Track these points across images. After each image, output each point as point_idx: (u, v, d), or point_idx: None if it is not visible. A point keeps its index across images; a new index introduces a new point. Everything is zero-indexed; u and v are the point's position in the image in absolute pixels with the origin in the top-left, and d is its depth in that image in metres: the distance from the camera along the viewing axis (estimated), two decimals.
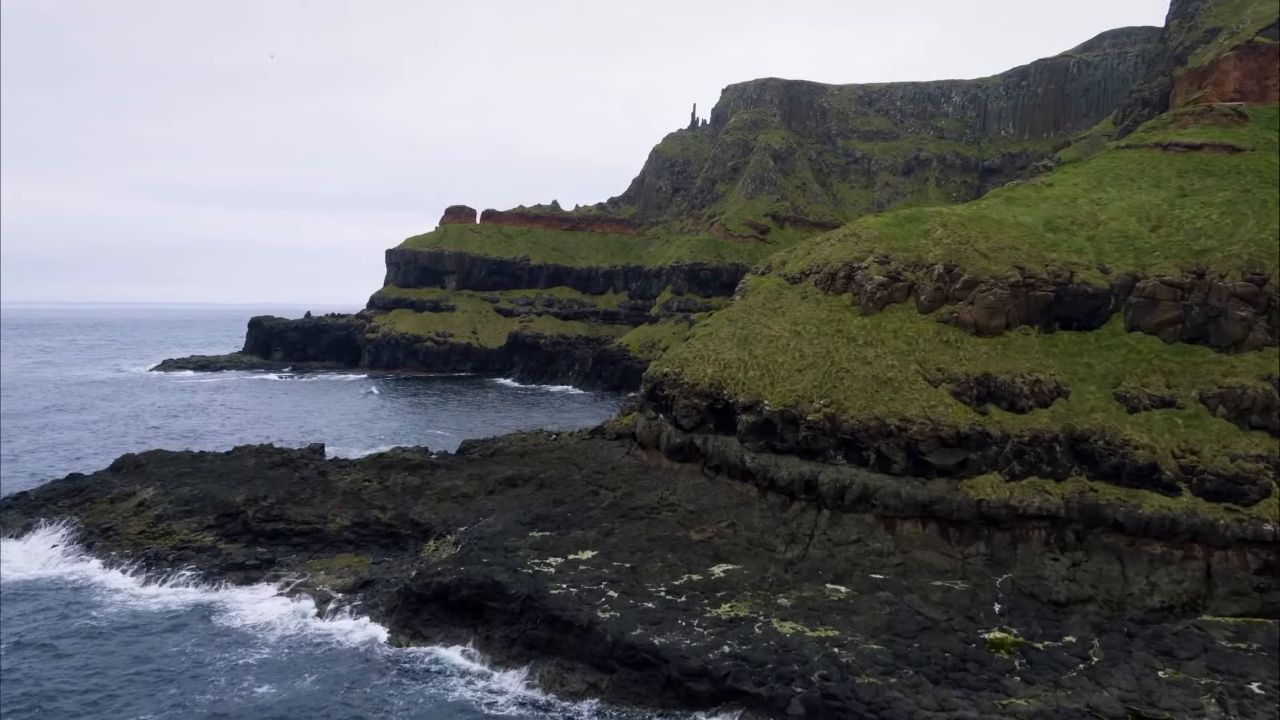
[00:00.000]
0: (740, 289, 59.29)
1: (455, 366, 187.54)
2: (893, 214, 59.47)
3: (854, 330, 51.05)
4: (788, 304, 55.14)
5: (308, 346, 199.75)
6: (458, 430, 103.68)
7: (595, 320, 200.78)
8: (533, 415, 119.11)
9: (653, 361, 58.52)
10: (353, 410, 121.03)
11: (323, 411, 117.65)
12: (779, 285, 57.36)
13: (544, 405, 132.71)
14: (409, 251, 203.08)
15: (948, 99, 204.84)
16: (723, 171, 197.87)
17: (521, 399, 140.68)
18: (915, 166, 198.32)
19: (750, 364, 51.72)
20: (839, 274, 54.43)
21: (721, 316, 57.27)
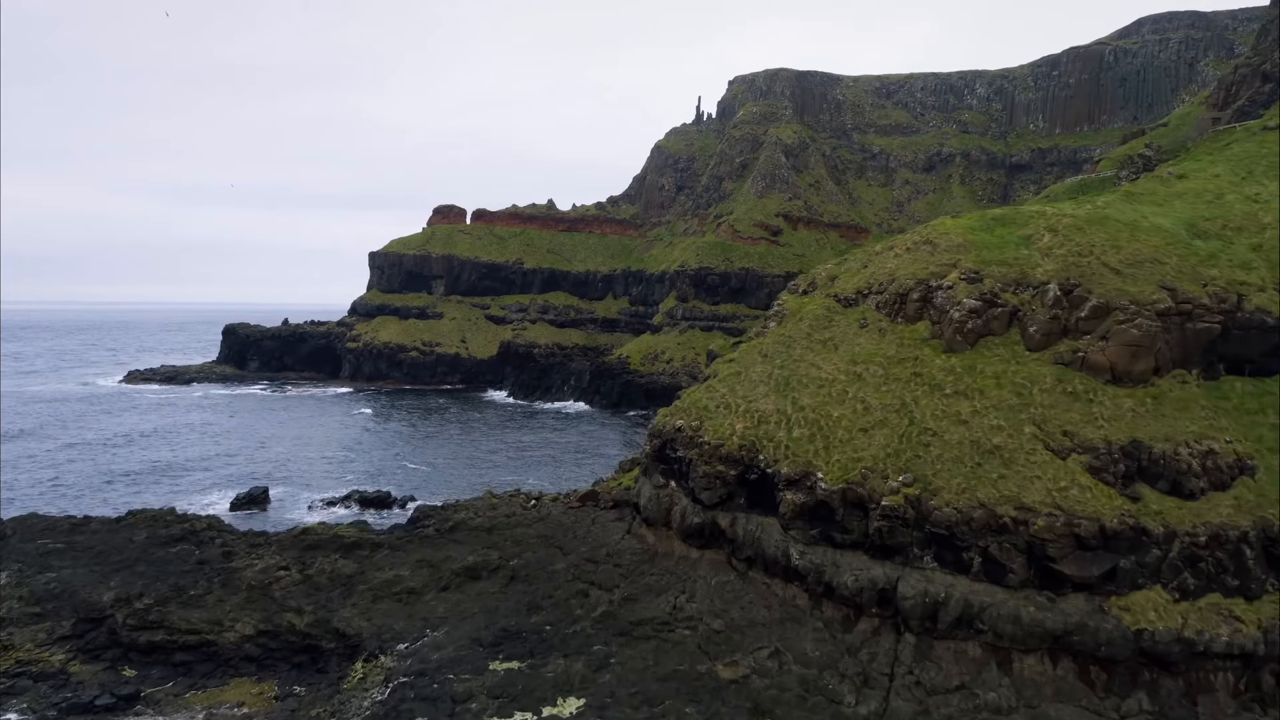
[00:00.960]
0: (775, 312, 45.58)
1: (442, 378, 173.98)
2: (977, 215, 45.69)
3: (937, 373, 37.37)
4: (842, 334, 41.43)
5: (285, 356, 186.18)
6: (435, 462, 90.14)
7: (593, 328, 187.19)
8: (523, 440, 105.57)
9: (662, 411, 44.76)
10: (320, 434, 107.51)
11: (284, 436, 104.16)
12: (827, 308, 43.67)
13: (536, 426, 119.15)
14: (393, 254, 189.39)
15: (971, 90, 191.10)
16: (730, 168, 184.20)
17: (512, 418, 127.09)
18: (937, 163, 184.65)
19: (795, 418, 38.06)
20: (911, 295, 40.77)
21: (752, 350, 43.52)
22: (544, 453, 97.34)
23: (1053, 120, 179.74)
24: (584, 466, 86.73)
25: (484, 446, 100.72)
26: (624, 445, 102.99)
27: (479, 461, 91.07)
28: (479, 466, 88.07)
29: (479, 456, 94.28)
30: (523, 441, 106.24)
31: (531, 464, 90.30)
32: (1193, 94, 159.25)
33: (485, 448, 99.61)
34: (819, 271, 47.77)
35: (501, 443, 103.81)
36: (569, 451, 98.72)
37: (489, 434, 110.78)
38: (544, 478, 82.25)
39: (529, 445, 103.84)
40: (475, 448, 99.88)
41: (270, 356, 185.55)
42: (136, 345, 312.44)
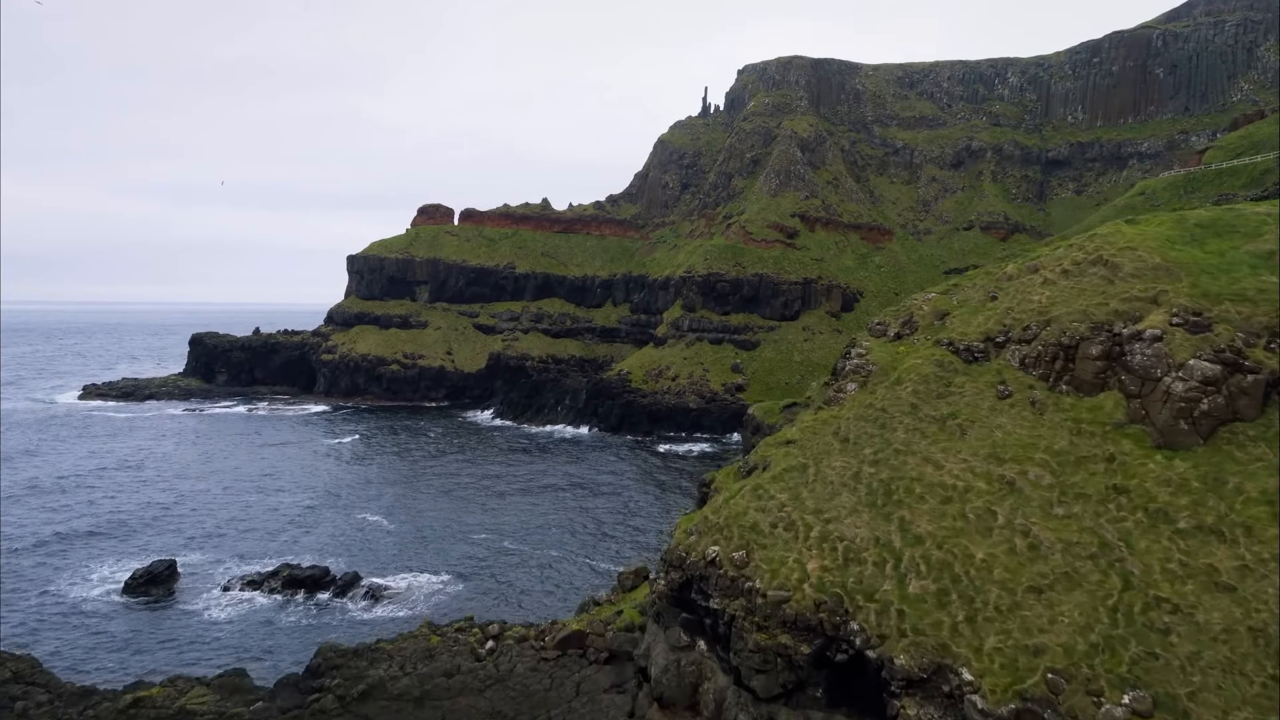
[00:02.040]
0: (856, 367, 30.24)
1: (425, 394, 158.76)
2: (1171, 220, 30.07)
3: (1156, 489, 22.11)
4: (970, 408, 26.15)
5: (255, 368, 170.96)
6: (398, 514, 74.87)
7: (591, 338, 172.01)
8: (507, 479, 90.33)
9: (683, 522, 29.30)
10: (271, 471, 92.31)
11: (227, 475, 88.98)
12: (939, 362, 28.38)
13: (524, 457, 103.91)
14: (373, 258, 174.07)
15: (1002, 80, 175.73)
16: (740, 164, 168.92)
17: (497, 447, 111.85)
18: (966, 158, 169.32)
19: (908, 558, 22.79)
20: (1085, 348, 25.48)
21: (822, 427, 28.22)
22: (529, 503, 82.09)
23: (1093, 112, 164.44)
24: (578, 534, 71.48)
25: (459, 492, 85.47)
26: (629, 483, 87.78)
27: (450, 516, 75.78)
28: (449, 525, 72.82)
29: (451, 508, 78.99)
30: (506, 482, 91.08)
31: (512, 524, 75.02)
32: (1252, 81, 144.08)
33: (460, 495, 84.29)
34: (916, 303, 32.36)
35: (481, 484, 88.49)
36: (561, 501, 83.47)
37: (468, 469, 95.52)
38: (526, 545, 66.99)
39: (514, 486, 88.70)
40: (449, 494, 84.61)
41: (240, 369, 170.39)
42: (115, 351, 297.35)
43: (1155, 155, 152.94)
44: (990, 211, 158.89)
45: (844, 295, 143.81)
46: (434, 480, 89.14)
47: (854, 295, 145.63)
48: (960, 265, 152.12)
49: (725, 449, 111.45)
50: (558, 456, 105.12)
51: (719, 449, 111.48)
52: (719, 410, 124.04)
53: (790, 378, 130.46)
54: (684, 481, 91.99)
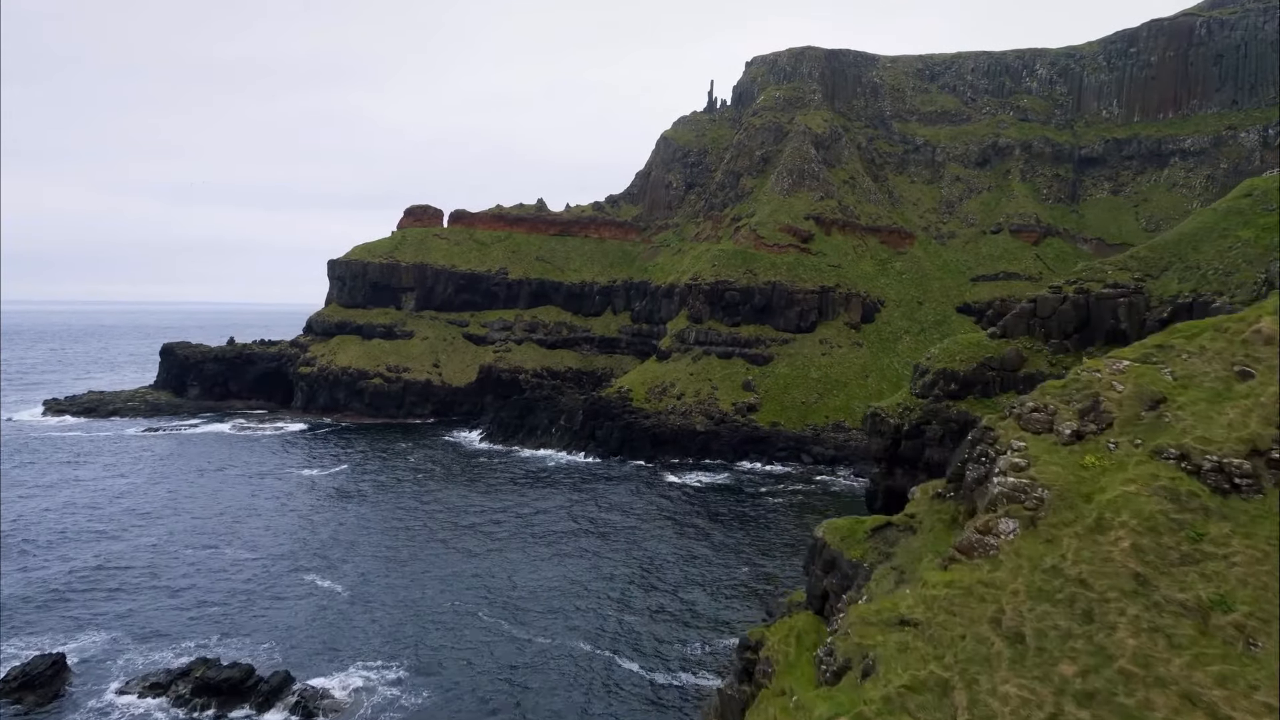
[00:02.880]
0: (1013, 490, 18.31)
1: (410, 410, 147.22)
2: None
3: None
4: (1248, 586, 14.02)
5: (230, 381, 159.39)
6: (359, 572, 63.29)
7: (589, 349, 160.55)
8: (493, 519, 78.71)
9: None
10: (223, 512, 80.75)
11: (167, 517, 77.46)
12: (1165, 489, 16.41)
13: (512, 489, 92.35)
14: (356, 263, 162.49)
15: (1030, 72, 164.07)
16: (749, 162, 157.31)
17: (486, 476, 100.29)
18: (992, 156, 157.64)
19: None
20: None
21: (965, 602, 16.41)
22: (528, 559, 70.46)
23: (1130, 106, 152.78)
24: (601, 607, 59.87)
25: (438, 545, 73.86)
26: (643, 526, 76.13)
27: (425, 581, 64.16)
28: (423, 594, 61.22)
29: (428, 568, 67.35)
30: (497, 526, 79.55)
31: (503, 588, 63.45)
32: None
33: (440, 548, 72.63)
34: (1102, 378, 20.30)
35: (466, 530, 76.81)
36: (566, 554, 71.85)
37: (451, 509, 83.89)
38: (529, 629, 55.33)
39: (506, 531, 77.24)
40: (426, 546, 73.00)
41: (213, 382, 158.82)
42: (97, 357, 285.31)
43: (1200, 153, 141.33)
44: (1020, 213, 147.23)
45: (864, 305, 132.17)
46: (409, 526, 77.45)
47: (875, 305, 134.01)
48: (990, 272, 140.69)
49: (739, 479, 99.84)
50: (554, 489, 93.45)
51: (732, 479, 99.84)
52: (729, 433, 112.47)
53: (807, 396, 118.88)
54: (702, 520, 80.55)
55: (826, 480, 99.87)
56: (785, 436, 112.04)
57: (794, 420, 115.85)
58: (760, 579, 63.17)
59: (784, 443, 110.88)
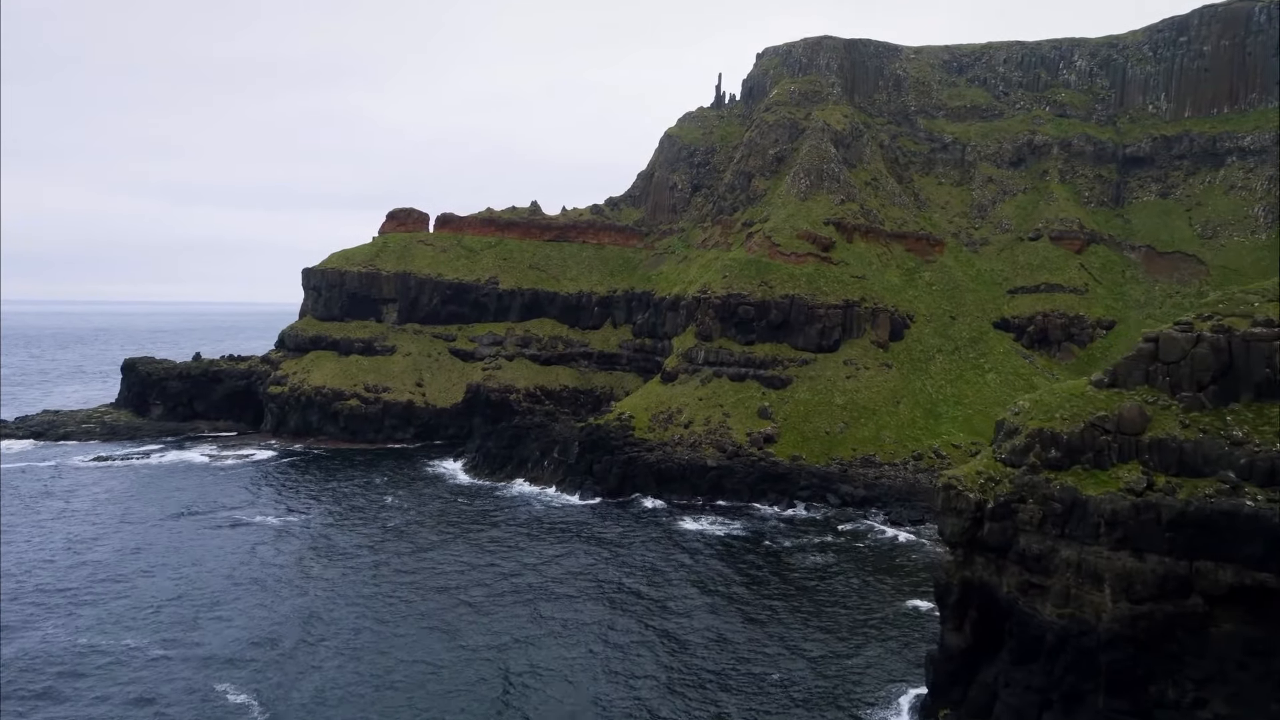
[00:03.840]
0: None
1: (390, 434, 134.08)
2: None
3: None
4: None
5: (195, 400, 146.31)
6: (288, 677, 49.97)
7: (587, 365, 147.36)
8: (490, 573, 65.41)
9: None
10: (148, 565, 67.62)
11: (81, 588, 64.26)
12: None
13: (504, 541, 79.08)
14: (333, 272, 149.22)
15: (1068, 63, 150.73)
16: (762, 162, 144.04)
17: (463, 525, 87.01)
18: (1028, 155, 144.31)
19: None
20: None
21: None
22: (509, 645, 57.11)
23: (1180, 100, 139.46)
24: None
25: (408, 618, 60.54)
26: (665, 595, 62.79)
27: (381, 694, 50.83)
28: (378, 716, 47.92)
29: (389, 668, 54.02)
30: (478, 585, 66.38)
31: (490, 709, 50.19)
32: None
33: (408, 629, 59.30)
34: None
35: (443, 603, 63.50)
36: (553, 630, 58.50)
37: (424, 570, 70.56)
38: None
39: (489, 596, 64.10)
40: (399, 619, 59.67)
41: (177, 401, 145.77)
42: (76, 366, 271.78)
43: (1261, 151, 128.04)
44: (1061, 218, 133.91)
45: (892, 320, 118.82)
46: (368, 596, 64.06)
47: (903, 320, 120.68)
48: (1029, 283, 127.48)
49: (759, 526, 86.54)
50: (548, 539, 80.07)
51: (751, 526, 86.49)
52: (744, 469, 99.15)
53: (831, 425, 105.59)
54: (726, 583, 67.53)
55: (860, 528, 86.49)
56: (808, 473, 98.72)
57: (817, 453, 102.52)
58: (811, 674, 50.49)
59: (807, 480, 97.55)
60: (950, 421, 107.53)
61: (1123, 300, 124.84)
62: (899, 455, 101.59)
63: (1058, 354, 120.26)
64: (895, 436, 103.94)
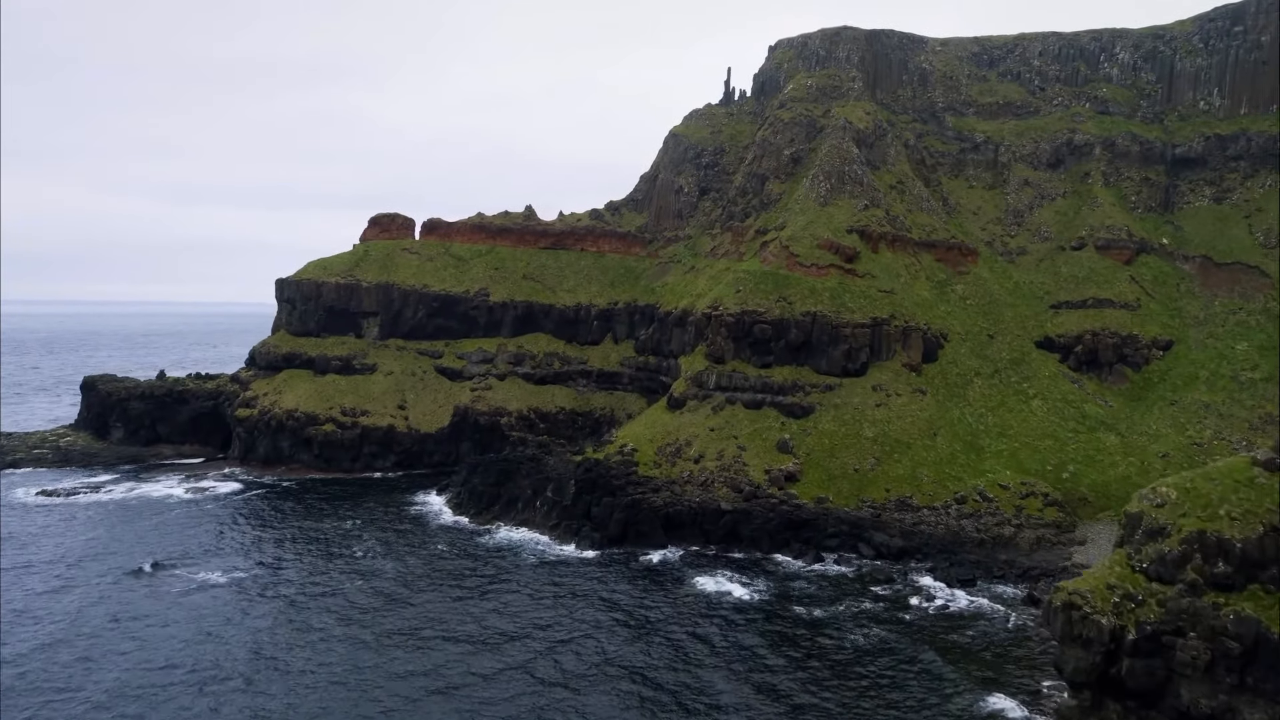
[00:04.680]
0: None
1: (369, 462, 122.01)
2: None
3: None
4: None
5: (159, 423, 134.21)
6: None
7: (585, 385, 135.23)
8: (472, 655, 53.40)
9: None
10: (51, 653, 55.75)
11: None
12: None
13: (488, 608, 67.01)
14: (309, 283, 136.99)
15: (1109, 56, 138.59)
16: (777, 163, 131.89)
17: (444, 585, 74.97)
18: (1067, 155, 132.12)
19: None
20: None
21: None
22: None
23: (1235, 96, 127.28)
24: None
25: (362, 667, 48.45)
26: (671, 682, 50.69)
27: None
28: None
29: None
30: (464, 675, 54.33)
31: None
32: None
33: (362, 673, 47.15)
34: None
35: (410, 679, 51.38)
36: None
37: (400, 634, 58.48)
38: None
39: (473, 687, 52.01)
40: None
41: (139, 424, 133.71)
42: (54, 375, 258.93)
43: None
44: (1107, 225, 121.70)
45: (925, 340, 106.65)
46: (332, 685, 51.85)
47: (937, 339, 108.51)
48: (1074, 298, 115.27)
49: (785, 586, 74.36)
50: (544, 606, 67.86)
51: (776, 587, 74.24)
52: (763, 513, 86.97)
53: (860, 461, 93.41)
54: (758, 670, 55.51)
55: (902, 589, 74.24)
56: (836, 518, 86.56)
57: (846, 494, 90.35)
58: None
59: (835, 527, 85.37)
60: (994, 456, 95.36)
61: (1179, 317, 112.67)
62: (939, 497, 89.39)
63: (1109, 378, 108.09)
64: (933, 475, 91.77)
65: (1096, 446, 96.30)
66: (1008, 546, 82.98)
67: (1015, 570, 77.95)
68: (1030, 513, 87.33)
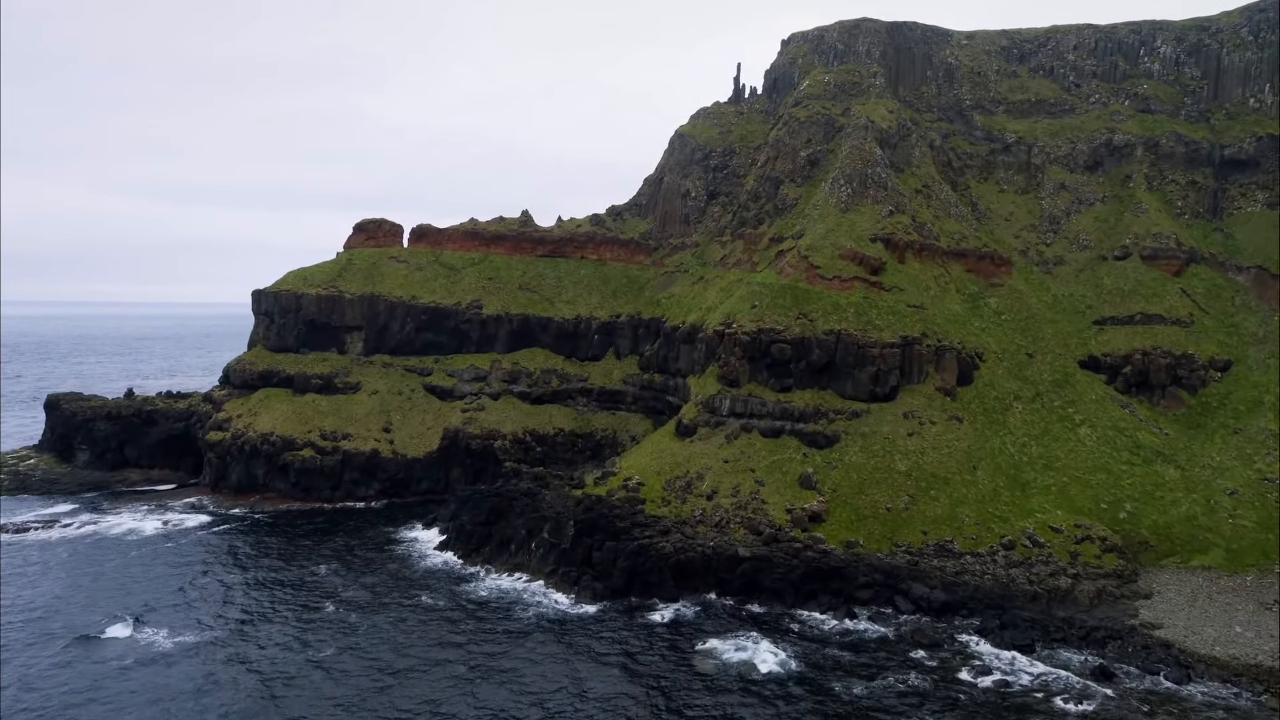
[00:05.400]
0: None
1: (350, 490, 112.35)
2: None
3: None
4: None
5: (126, 445, 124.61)
6: None
7: (587, 404, 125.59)
8: None
9: None
10: None
11: None
12: None
13: (468, 693, 57.40)
14: (288, 295, 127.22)
15: (1150, 49, 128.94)
16: (792, 166, 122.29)
17: (415, 643, 65.31)
18: (1106, 157, 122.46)
19: None
20: None
21: None
22: None
23: None
24: None
25: None
26: None
27: None
28: None
29: None
30: None
31: None
32: None
33: None
34: None
35: None
36: None
37: None
38: None
39: None
40: None
41: (105, 446, 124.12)
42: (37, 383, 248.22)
43: None
44: (1154, 233, 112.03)
45: (960, 360, 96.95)
46: None
47: (971, 359, 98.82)
48: (1120, 313, 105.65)
49: (813, 651, 64.59)
50: (539, 674, 58.12)
51: (807, 653, 64.42)
52: (785, 560, 77.21)
53: (893, 498, 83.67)
54: None
55: (950, 656, 64.51)
56: (869, 566, 76.80)
57: (877, 537, 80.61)
58: None
59: (867, 576, 75.63)
60: (1041, 492, 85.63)
61: (1236, 334, 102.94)
62: (983, 541, 79.63)
63: (1162, 402, 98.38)
64: (975, 514, 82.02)
65: (1155, 481, 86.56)
66: (1065, 601, 73.20)
67: (1077, 631, 68.27)
68: (1087, 560, 77.56)
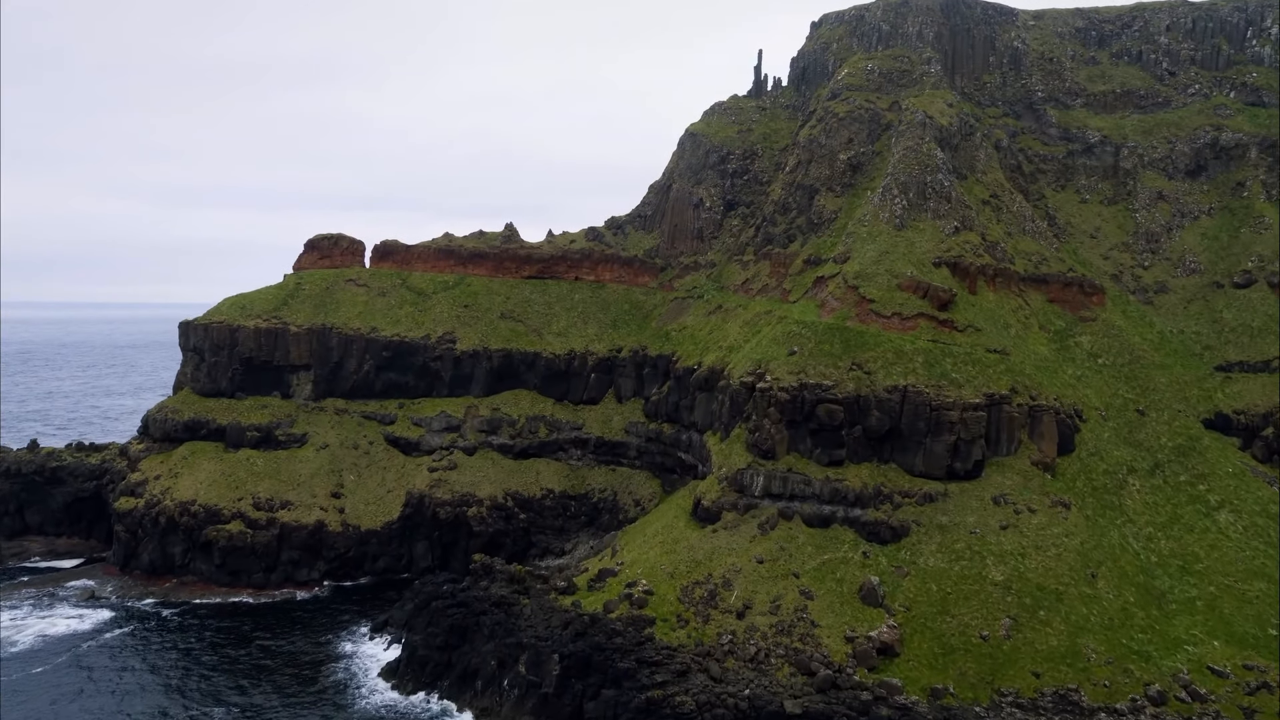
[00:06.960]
0: None
1: (289, 572, 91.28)
2: None
3: None
4: None
5: (27, 509, 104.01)
6: None
7: (581, 458, 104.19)
8: None
9: None
10: None
11: None
12: None
13: None
14: (220, 327, 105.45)
15: (1258, 30, 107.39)
16: (830, 171, 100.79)
17: None
18: (1211, 160, 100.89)
19: None
20: None
21: None
22: None
23: None
24: None
25: None
26: None
27: None
28: None
29: None
30: None
31: None
32: None
33: None
34: None
35: None
36: None
37: None
38: None
39: None
40: None
41: (3, 509, 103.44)
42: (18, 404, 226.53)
43: None
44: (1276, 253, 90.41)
45: (1059, 422, 75.31)
46: None
47: (1070, 420, 77.19)
48: (1251, 358, 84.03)
49: None
50: None
51: None
52: (849, 716, 55.73)
53: (989, 622, 61.97)
54: None
55: None
56: None
57: (971, 681, 59.02)
58: None
59: None
60: (1185, 610, 64.09)
61: None
62: (1120, 689, 58.05)
63: None
64: (1104, 648, 60.43)
65: None
66: None
67: None
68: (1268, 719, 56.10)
